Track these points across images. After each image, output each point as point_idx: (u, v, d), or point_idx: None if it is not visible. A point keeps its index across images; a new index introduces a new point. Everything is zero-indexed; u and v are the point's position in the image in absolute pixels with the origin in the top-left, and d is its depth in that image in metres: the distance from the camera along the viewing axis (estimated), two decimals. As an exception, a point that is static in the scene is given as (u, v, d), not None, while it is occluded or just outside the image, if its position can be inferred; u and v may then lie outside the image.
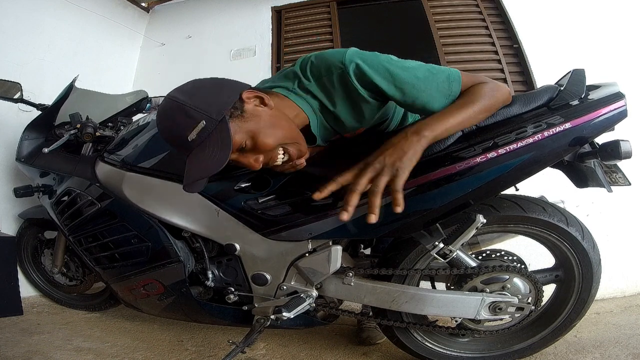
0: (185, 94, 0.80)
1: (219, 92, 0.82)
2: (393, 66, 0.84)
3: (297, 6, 2.85)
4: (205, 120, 0.76)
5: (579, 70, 1.01)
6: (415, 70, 0.85)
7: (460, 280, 1.10)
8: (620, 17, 2.24)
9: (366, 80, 0.84)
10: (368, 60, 0.84)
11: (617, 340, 1.36)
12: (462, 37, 2.45)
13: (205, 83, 0.85)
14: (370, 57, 0.85)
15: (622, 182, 1.03)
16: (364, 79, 0.84)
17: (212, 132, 0.76)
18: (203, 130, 0.75)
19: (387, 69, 0.83)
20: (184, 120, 0.76)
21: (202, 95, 0.80)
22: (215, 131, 0.76)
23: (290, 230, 1.05)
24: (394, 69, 0.84)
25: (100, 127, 1.51)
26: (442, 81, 0.86)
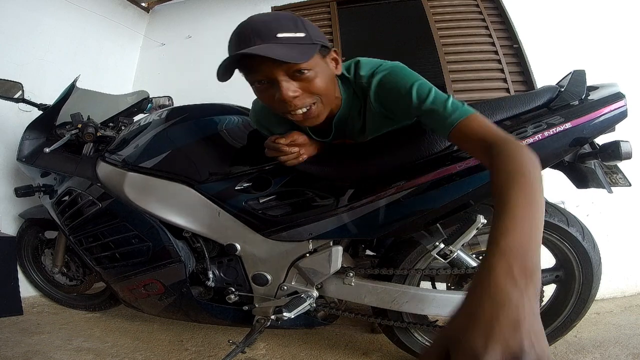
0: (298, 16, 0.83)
1: (321, 34, 0.85)
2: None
3: (297, 6, 2.85)
4: (305, 35, 0.78)
5: (580, 71, 1.02)
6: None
7: (460, 280, 1.11)
8: (620, 17, 2.24)
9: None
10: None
11: (617, 340, 1.37)
12: (462, 37, 2.44)
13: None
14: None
15: (622, 182, 1.03)
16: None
17: (302, 45, 0.78)
18: (296, 38, 0.77)
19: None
20: (287, 23, 0.78)
21: (311, 24, 0.82)
22: (305, 45, 0.78)
23: (291, 230, 1.05)
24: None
25: (102, 127, 1.51)
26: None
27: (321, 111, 0.87)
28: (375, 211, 0.98)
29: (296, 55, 0.75)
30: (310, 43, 0.79)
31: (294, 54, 0.75)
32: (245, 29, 0.78)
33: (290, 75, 0.79)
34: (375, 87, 0.90)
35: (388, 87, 0.88)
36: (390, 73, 0.89)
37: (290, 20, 0.79)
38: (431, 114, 0.82)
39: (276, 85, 0.80)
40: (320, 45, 0.81)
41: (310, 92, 0.82)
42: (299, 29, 0.78)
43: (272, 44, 0.75)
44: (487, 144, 0.69)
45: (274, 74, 0.78)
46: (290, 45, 0.76)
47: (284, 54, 0.74)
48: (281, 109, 0.84)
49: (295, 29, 0.78)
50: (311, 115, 0.86)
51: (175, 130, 1.19)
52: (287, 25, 0.77)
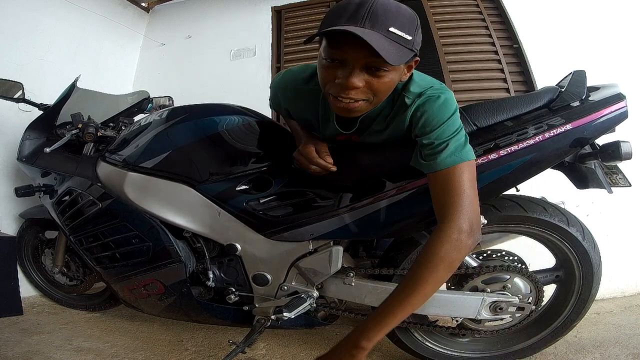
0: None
1: (421, 40, 0.83)
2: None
3: (297, 6, 2.85)
4: (411, 40, 0.77)
5: (580, 72, 1.02)
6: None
7: (461, 280, 1.11)
8: (620, 17, 2.24)
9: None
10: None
11: (617, 340, 1.37)
12: (462, 37, 2.44)
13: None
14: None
15: (622, 183, 1.04)
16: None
17: (403, 47, 0.76)
18: (402, 39, 0.75)
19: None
20: (405, 21, 0.76)
21: (419, 31, 0.81)
22: (404, 49, 0.76)
23: (292, 230, 1.05)
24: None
25: (102, 127, 1.51)
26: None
27: (364, 109, 0.86)
28: (376, 212, 0.98)
29: (394, 56, 0.73)
30: (410, 48, 0.77)
31: (393, 53, 0.73)
32: (364, 5, 0.75)
33: (366, 68, 0.78)
34: (415, 108, 0.89)
35: (424, 114, 0.88)
36: (435, 101, 0.88)
37: (409, 19, 0.77)
38: (429, 149, 0.86)
39: (347, 69, 0.78)
40: (414, 54, 0.80)
41: (372, 89, 0.81)
42: (410, 31, 0.76)
43: (379, 34, 0.73)
44: (439, 212, 0.86)
45: (357, 59, 0.76)
46: (395, 44, 0.74)
47: (386, 49, 0.72)
48: (333, 89, 0.82)
49: (408, 30, 0.76)
50: (353, 108, 0.84)
51: (175, 130, 1.19)
52: (403, 23, 0.76)
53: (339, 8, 0.78)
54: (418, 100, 0.89)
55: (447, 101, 0.88)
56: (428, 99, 0.88)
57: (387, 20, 0.74)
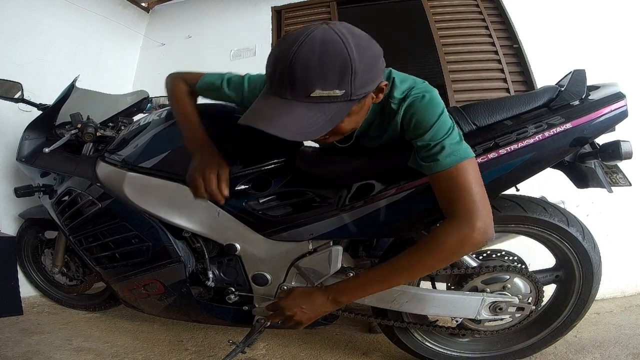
0: (357, 48, 0.68)
1: (375, 69, 0.74)
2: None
3: (297, 6, 2.85)
4: (344, 93, 0.68)
5: (580, 71, 1.02)
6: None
7: (460, 280, 1.11)
8: (620, 17, 2.24)
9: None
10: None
11: (617, 340, 1.36)
12: (462, 37, 2.45)
13: (373, 50, 0.75)
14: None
15: (622, 182, 1.03)
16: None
17: (334, 104, 0.69)
18: (331, 97, 0.68)
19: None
20: (331, 76, 0.66)
21: (366, 64, 0.70)
22: (337, 104, 0.69)
23: (291, 230, 1.05)
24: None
25: (101, 127, 1.51)
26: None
27: (345, 134, 0.87)
28: (376, 211, 0.98)
29: (317, 127, 0.69)
30: (346, 100, 0.70)
31: (316, 124, 0.68)
32: (285, 67, 0.67)
33: None
34: (403, 112, 0.88)
35: (413, 116, 0.86)
36: (420, 102, 0.86)
37: (338, 71, 0.66)
38: (425, 152, 0.84)
39: None
40: (358, 99, 0.72)
41: (335, 133, 0.81)
42: (341, 85, 0.67)
43: (298, 105, 0.68)
44: (445, 211, 0.85)
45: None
46: (320, 107, 0.68)
47: (299, 128, 0.68)
48: None
49: (338, 84, 0.67)
50: (335, 139, 0.87)
51: (175, 130, 1.19)
52: (331, 79, 0.66)
53: (268, 60, 0.72)
54: (404, 103, 0.87)
55: (432, 99, 0.86)
56: (414, 100, 0.86)
57: (308, 83, 0.66)
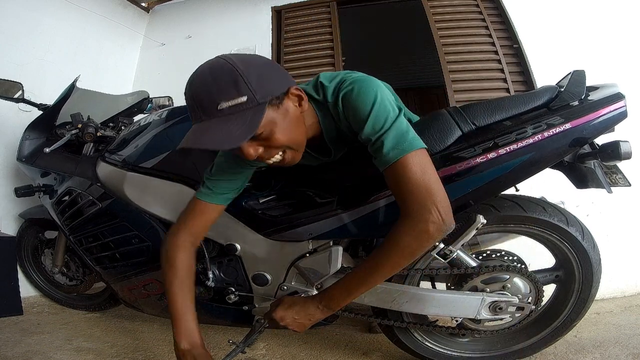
0: (242, 62, 0.74)
1: (273, 75, 0.78)
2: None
3: (297, 6, 2.85)
4: (248, 97, 0.71)
5: (579, 72, 1.02)
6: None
7: (460, 280, 1.10)
8: (620, 17, 2.24)
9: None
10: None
11: (617, 340, 1.37)
12: (462, 37, 2.45)
13: (262, 60, 0.80)
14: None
15: (622, 183, 1.03)
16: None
17: (246, 111, 0.72)
18: (239, 106, 0.71)
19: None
20: (227, 87, 0.71)
21: (257, 71, 0.74)
22: (250, 111, 0.72)
23: (291, 230, 1.05)
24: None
25: (102, 127, 1.51)
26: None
27: (294, 155, 0.84)
28: (376, 211, 0.98)
29: (240, 132, 0.70)
30: (255, 106, 0.72)
31: (235, 131, 0.70)
32: (191, 98, 0.74)
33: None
34: (342, 110, 0.86)
35: (350, 111, 0.84)
36: (350, 95, 0.83)
37: (230, 80, 0.71)
38: (372, 146, 0.81)
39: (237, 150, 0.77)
40: (268, 101, 0.74)
41: (273, 146, 0.79)
42: (240, 92, 0.71)
43: (217, 120, 0.71)
44: (401, 204, 0.81)
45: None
46: (234, 117, 0.71)
47: (223, 137, 0.70)
48: (255, 163, 0.84)
49: (236, 92, 0.71)
50: (285, 162, 0.84)
51: (175, 130, 1.19)
52: (227, 90, 0.71)
53: (187, 103, 0.77)
54: (339, 102, 0.85)
55: (362, 88, 0.82)
56: (344, 94, 0.84)
57: (213, 101, 0.71)
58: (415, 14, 2.71)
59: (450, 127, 0.96)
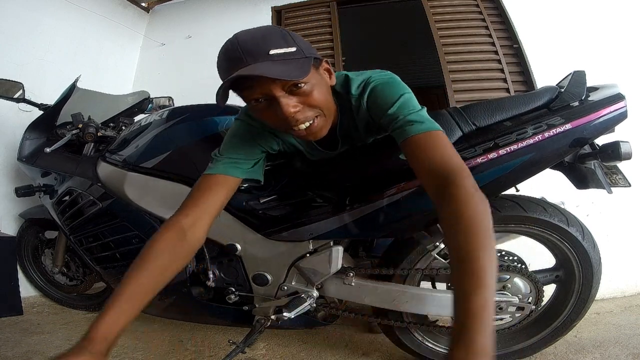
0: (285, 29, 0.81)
1: (310, 45, 0.83)
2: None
3: (297, 6, 2.85)
4: (297, 49, 0.76)
5: (580, 72, 1.02)
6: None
7: (460, 281, 1.11)
8: (620, 17, 2.24)
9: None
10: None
11: (617, 340, 1.37)
12: (462, 37, 2.45)
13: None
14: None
15: (622, 183, 1.04)
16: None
17: (295, 60, 0.75)
18: (288, 54, 0.75)
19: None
20: (277, 39, 0.75)
21: (299, 36, 0.80)
22: (299, 60, 0.76)
23: (292, 230, 1.05)
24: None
25: (102, 127, 1.51)
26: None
27: (324, 124, 0.86)
28: (376, 211, 0.98)
29: (293, 72, 0.73)
30: (302, 57, 0.76)
31: (291, 71, 0.73)
32: (234, 49, 0.75)
33: (288, 91, 0.77)
34: (366, 101, 0.89)
35: (377, 98, 0.87)
36: (379, 84, 0.88)
37: (279, 35, 0.76)
38: (396, 121, 0.81)
39: (275, 101, 0.77)
40: (312, 58, 0.78)
41: (310, 105, 0.80)
42: (289, 44, 0.76)
43: (267, 62, 0.73)
44: (436, 173, 0.70)
45: (271, 91, 0.75)
46: (285, 62, 0.74)
47: (281, 71, 0.71)
48: (283, 126, 0.81)
49: (286, 44, 0.75)
50: (314, 128, 0.84)
51: (176, 130, 1.19)
52: (277, 41, 0.75)
53: (219, 62, 0.78)
54: (364, 94, 0.89)
55: (394, 80, 0.88)
56: (374, 86, 0.88)
57: (262, 48, 0.73)
58: (415, 14, 2.71)
59: (451, 127, 0.96)
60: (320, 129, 0.85)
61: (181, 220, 0.82)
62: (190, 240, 0.82)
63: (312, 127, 0.83)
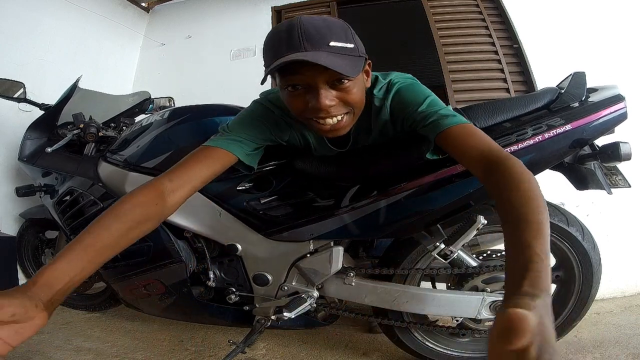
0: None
1: (362, 45, 0.83)
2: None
3: (297, 6, 2.86)
4: (354, 46, 0.77)
5: (580, 73, 1.02)
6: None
7: (461, 280, 1.11)
8: (620, 18, 2.24)
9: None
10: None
11: (617, 340, 1.37)
12: (462, 37, 2.45)
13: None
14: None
15: (622, 184, 1.04)
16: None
17: (351, 56, 0.76)
18: (346, 49, 0.75)
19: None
20: (339, 31, 0.76)
21: (357, 36, 0.81)
22: (354, 58, 0.77)
23: (292, 230, 1.05)
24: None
25: (103, 128, 1.51)
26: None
27: (349, 123, 0.86)
28: (377, 212, 0.98)
29: (349, 68, 0.73)
30: (357, 55, 0.78)
31: (346, 65, 0.73)
32: (294, 30, 0.74)
33: (330, 84, 0.77)
34: (390, 103, 0.91)
35: (402, 99, 0.89)
36: (406, 86, 0.91)
37: (342, 29, 0.77)
38: (429, 117, 0.83)
39: (313, 91, 0.77)
40: (365, 58, 0.81)
41: (346, 102, 0.81)
42: (349, 40, 0.76)
43: (324, 52, 0.73)
44: (485, 157, 0.72)
45: (315, 81, 0.75)
46: (342, 56, 0.74)
47: (339, 64, 0.72)
48: (311, 115, 0.81)
49: (346, 39, 0.76)
50: (340, 126, 0.84)
51: (177, 130, 1.19)
52: (339, 34, 0.75)
53: (272, 40, 0.78)
54: (388, 95, 0.91)
55: (415, 83, 0.92)
56: (398, 89, 0.90)
57: (324, 37, 0.73)
58: (415, 14, 2.71)
59: (451, 127, 0.96)
60: (344, 126, 0.85)
61: (165, 183, 0.80)
62: (166, 204, 0.79)
63: (339, 123, 0.84)
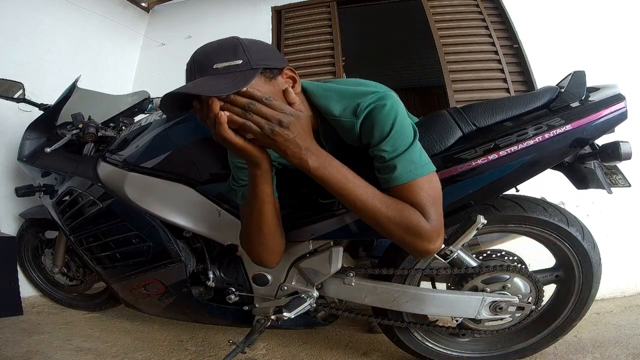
0: (246, 38, 0.82)
1: (271, 53, 0.83)
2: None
3: (297, 6, 2.85)
4: (243, 61, 0.76)
5: (580, 72, 1.02)
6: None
7: (460, 280, 1.11)
8: (620, 17, 2.24)
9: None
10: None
11: (617, 340, 1.37)
12: (462, 37, 2.45)
13: (266, 43, 0.85)
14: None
15: (622, 183, 1.04)
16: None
17: (238, 72, 0.75)
18: (233, 67, 0.75)
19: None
20: (226, 51, 0.77)
21: (257, 45, 0.81)
22: (242, 73, 0.75)
23: (292, 230, 1.05)
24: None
25: (103, 127, 1.51)
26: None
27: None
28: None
29: (229, 86, 0.71)
30: (248, 69, 0.75)
31: (222, 85, 0.71)
32: (191, 61, 0.79)
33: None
34: (362, 121, 0.84)
35: (373, 125, 0.83)
36: (382, 112, 0.82)
37: (230, 47, 0.78)
38: (383, 162, 0.81)
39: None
40: (261, 69, 0.77)
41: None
42: (237, 56, 0.76)
43: (208, 77, 0.74)
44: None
45: (209, 106, 0.71)
46: (225, 76, 0.74)
47: (214, 86, 0.71)
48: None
49: (234, 56, 0.76)
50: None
51: (176, 130, 1.19)
52: (224, 55, 0.76)
53: (186, 69, 0.81)
54: (357, 120, 0.84)
55: (393, 107, 0.83)
56: (374, 108, 0.83)
57: (209, 62, 0.76)
58: (415, 14, 2.71)
59: (451, 127, 0.96)
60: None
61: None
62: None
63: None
